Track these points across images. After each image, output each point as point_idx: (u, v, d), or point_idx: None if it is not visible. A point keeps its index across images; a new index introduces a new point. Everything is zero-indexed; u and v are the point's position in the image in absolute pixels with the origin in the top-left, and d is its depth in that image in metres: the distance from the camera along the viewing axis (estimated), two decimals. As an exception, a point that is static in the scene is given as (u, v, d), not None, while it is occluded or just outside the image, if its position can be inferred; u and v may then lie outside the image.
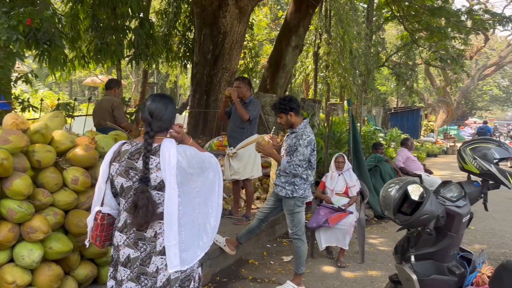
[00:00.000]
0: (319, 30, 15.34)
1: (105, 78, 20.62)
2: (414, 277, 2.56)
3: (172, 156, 2.13)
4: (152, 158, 2.16)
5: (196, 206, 2.25)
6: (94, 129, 5.28)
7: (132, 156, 2.21)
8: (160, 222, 2.18)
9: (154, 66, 10.08)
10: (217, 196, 2.36)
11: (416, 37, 16.02)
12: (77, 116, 7.83)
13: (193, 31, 10.37)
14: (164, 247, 2.16)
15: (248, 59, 13.53)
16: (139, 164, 2.18)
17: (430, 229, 2.47)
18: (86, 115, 6.40)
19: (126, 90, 24.31)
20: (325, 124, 9.30)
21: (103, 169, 2.30)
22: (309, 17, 11.54)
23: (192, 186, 2.23)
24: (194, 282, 2.30)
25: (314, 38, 15.98)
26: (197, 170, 2.24)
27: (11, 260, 2.76)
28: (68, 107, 6.48)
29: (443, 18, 14.20)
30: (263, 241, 5.59)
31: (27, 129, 2.99)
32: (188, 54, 10.52)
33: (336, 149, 8.00)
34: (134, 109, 8.30)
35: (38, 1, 5.99)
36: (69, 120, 7.05)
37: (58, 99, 7.04)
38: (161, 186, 2.16)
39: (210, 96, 9.25)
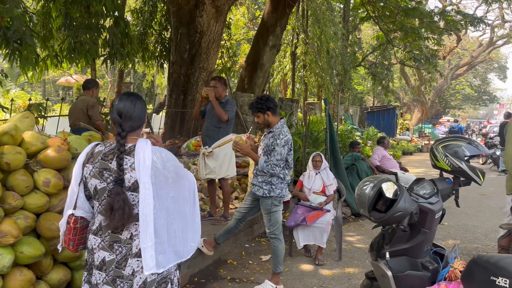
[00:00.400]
0: (296, 30, 15.43)
1: (79, 78, 20.23)
2: (389, 273, 2.60)
3: (147, 157, 2.11)
4: (126, 158, 2.13)
5: (171, 212, 2.22)
6: (69, 129, 5.16)
7: (106, 157, 2.17)
8: (136, 224, 2.15)
9: (130, 65, 9.92)
10: (193, 210, 2.35)
11: (391, 37, 16.31)
12: (50, 116, 7.64)
13: (170, 30, 10.27)
14: (140, 249, 2.13)
15: (226, 58, 13.49)
16: (113, 165, 2.14)
17: (404, 226, 2.51)
18: (60, 115, 6.24)
19: (102, 90, 23.84)
20: (303, 123, 9.36)
21: (76, 171, 2.25)
22: (286, 17, 11.59)
23: (167, 190, 2.20)
24: (171, 284, 2.28)
25: (291, 37, 16.07)
26: (172, 175, 2.22)
27: (-21, 266, 2.66)
28: (41, 107, 6.31)
29: (417, 19, 14.50)
30: (242, 241, 5.58)
31: (-5, 130, 2.89)
32: (164, 53, 10.41)
33: (313, 148, 8.06)
34: (109, 109, 8.13)
35: (8, -1, 5.81)
36: (41, 121, 6.88)
37: (30, 99, 6.83)
38: (135, 187, 2.13)
39: (187, 96, 9.18)
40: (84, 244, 2.31)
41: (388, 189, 2.51)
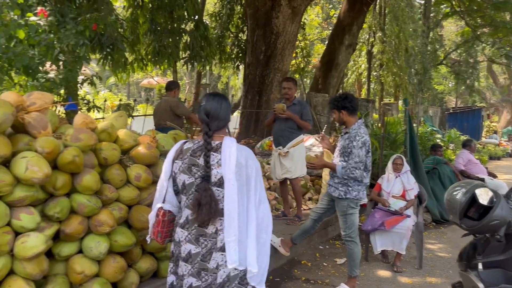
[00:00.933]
0: (373, 28, 14.97)
1: (160, 80, 21.38)
2: (481, 285, 2.43)
3: (232, 154, 2.20)
4: (213, 155, 2.23)
5: (250, 208, 2.27)
6: (153, 128, 5.49)
7: (194, 154, 2.28)
8: (220, 219, 2.23)
9: (207, 67, 10.31)
10: (268, 208, 2.35)
11: (479, 33, 15.16)
12: (136, 116, 8.18)
13: (246, 32, 10.49)
14: (224, 244, 2.20)
15: (300, 59, 13.47)
16: (201, 161, 2.25)
17: (500, 236, 2.33)
18: (145, 115, 6.67)
19: (180, 91, 24.98)
20: (379, 124, 9.05)
21: (166, 166, 2.38)
22: (363, 15, 11.29)
23: (249, 188, 2.26)
24: (247, 280, 2.29)
25: (367, 36, 15.61)
26: (254, 174, 2.28)
27: (80, 251, 2.92)
28: (128, 107, 6.78)
29: (508, 13, 13.32)
30: (316, 242, 5.54)
31: (95, 128, 3.16)
32: (240, 55, 10.67)
33: (391, 150, 7.76)
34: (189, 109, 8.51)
35: (103, 7, 6.33)
36: (128, 120, 7.40)
37: (120, 100, 7.38)
38: (220, 183, 2.22)
39: (262, 97, 9.31)
40: (171, 236, 2.44)
41: (483, 195, 2.34)
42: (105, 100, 6.92)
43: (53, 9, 5.65)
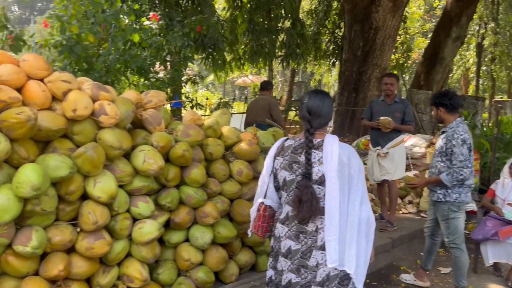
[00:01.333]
0: (485, 19, 13.63)
1: (255, 79, 21.90)
2: None
3: (334, 151, 2.18)
4: (315, 152, 2.23)
5: (351, 213, 2.22)
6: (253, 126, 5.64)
7: (296, 151, 2.29)
8: (321, 217, 2.21)
9: (302, 65, 10.30)
10: (370, 210, 2.28)
11: None
12: (234, 114, 8.49)
13: (343, 28, 10.25)
14: (324, 242, 2.18)
15: (399, 54, 12.80)
16: (302, 158, 2.25)
17: None
18: (243, 112, 6.88)
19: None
20: (490, 124, 8.22)
21: (268, 163, 2.43)
22: (474, 5, 10.34)
23: (350, 187, 2.22)
24: (352, 281, 2.25)
25: (477, 28, 14.26)
26: (357, 173, 2.23)
27: (186, 240, 3.12)
28: (227, 105, 7.06)
29: None
30: (416, 248, 5.22)
31: (201, 124, 3.34)
32: (336, 51, 10.47)
33: (505, 153, 7.01)
34: (283, 108, 8.60)
35: (206, 10, 6.67)
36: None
37: (221, 99, 7.73)
38: (322, 180, 2.20)
39: (359, 94, 9.04)
40: (271, 231, 2.49)
41: None
42: (207, 98, 7.27)
43: (162, 14, 6.09)
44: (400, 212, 5.94)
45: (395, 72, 13.32)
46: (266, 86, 6.32)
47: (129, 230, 2.71)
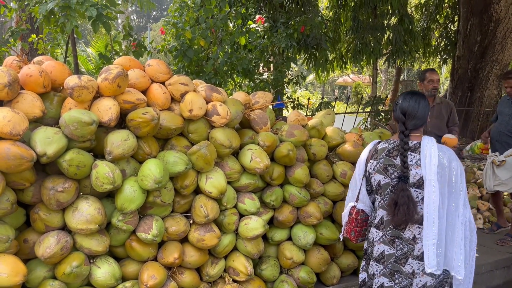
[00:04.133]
0: None
1: (356, 78, 21.32)
2: None
3: (433, 154, 2.10)
4: (412, 155, 2.16)
5: (450, 217, 2.14)
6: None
7: (390, 154, 2.23)
8: (419, 227, 2.15)
9: (409, 63, 9.75)
10: (471, 215, 2.20)
11: None
12: (337, 114, 8.37)
13: (456, 22, 9.47)
14: (422, 253, 2.13)
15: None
16: (398, 161, 2.19)
17: None
18: (345, 113, 6.75)
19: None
20: None
21: (360, 166, 2.40)
22: None
23: (450, 191, 2.13)
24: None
25: None
26: (459, 177, 2.13)
27: (289, 239, 3.16)
28: (329, 105, 6.98)
29: None
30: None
31: (305, 125, 3.35)
32: (449, 47, 9.70)
33: None
34: (390, 108, 8.23)
35: (309, 9, 6.67)
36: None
37: (322, 98, 7.68)
38: (420, 184, 2.13)
39: (474, 93, 8.27)
40: (364, 236, 2.45)
41: None
42: (309, 99, 7.28)
43: (267, 16, 6.25)
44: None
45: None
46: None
47: (236, 225, 2.84)
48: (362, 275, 2.45)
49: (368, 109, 7.95)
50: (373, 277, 2.31)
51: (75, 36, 4.37)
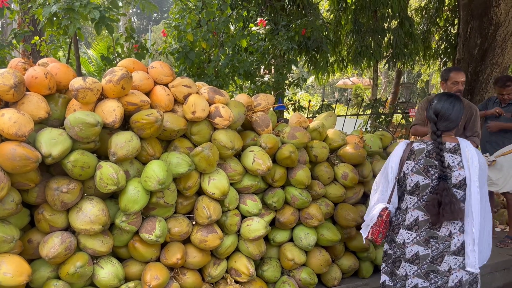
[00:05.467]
0: None
1: (356, 80, 21.34)
2: None
3: (474, 156, 2.20)
4: (453, 156, 2.23)
5: (483, 212, 2.22)
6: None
7: (430, 155, 2.27)
8: (454, 222, 2.21)
9: (409, 65, 9.78)
10: (489, 224, 2.31)
11: None
12: (338, 116, 8.39)
13: (457, 25, 9.50)
14: (458, 248, 2.20)
15: (524, 51, 11.41)
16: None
17: None
18: (345, 115, 6.78)
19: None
20: None
21: (393, 166, 2.38)
22: None
23: (483, 191, 2.22)
24: (478, 284, 2.30)
25: None
26: (485, 178, 2.25)
27: (290, 240, 3.17)
28: (330, 107, 7.00)
29: None
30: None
31: (307, 127, 3.38)
32: (449, 50, 9.72)
33: None
34: (390, 110, 8.25)
35: (310, 12, 6.70)
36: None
37: (323, 101, 7.71)
38: (461, 184, 2.20)
39: (474, 96, 8.27)
40: (385, 237, 2.45)
41: None
42: (309, 101, 7.30)
43: (268, 19, 6.28)
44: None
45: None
46: None
47: (238, 226, 2.86)
48: (383, 277, 2.48)
49: (368, 112, 7.98)
50: (405, 279, 2.34)
51: (77, 38, 4.39)
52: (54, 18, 4.02)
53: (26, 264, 2.16)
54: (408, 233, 2.31)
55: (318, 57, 7.20)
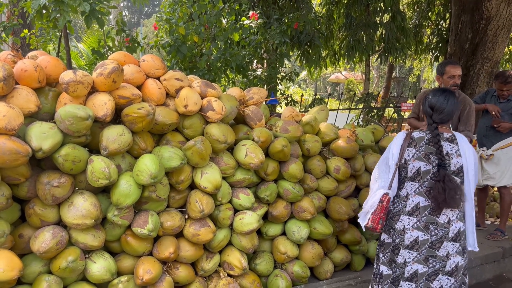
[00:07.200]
0: None
1: (348, 75, 21.39)
2: None
3: (469, 147, 2.37)
4: (450, 145, 2.35)
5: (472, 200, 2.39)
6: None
7: (430, 143, 2.38)
8: (452, 210, 2.32)
9: (400, 60, 9.82)
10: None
11: None
12: (330, 110, 8.41)
13: (448, 20, 9.55)
14: (455, 234, 2.32)
15: (514, 46, 11.52)
16: (440, 149, 2.37)
17: None
18: (338, 109, 6.79)
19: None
20: None
21: (394, 153, 2.44)
22: None
23: (473, 178, 2.40)
24: (466, 271, 2.42)
25: None
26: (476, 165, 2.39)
27: (283, 234, 3.18)
28: (322, 102, 7.01)
29: None
30: (531, 260, 4.70)
31: (300, 121, 3.38)
32: (440, 45, 9.78)
33: None
34: (382, 104, 8.28)
35: (303, 6, 6.68)
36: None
37: (315, 95, 7.72)
38: (458, 171, 2.33)
39: (466, 90, 8.33)
40: (384, 225, 2.49)
41: None
42: (302, 95, 7.31)
43: (261, 12, 6.25)
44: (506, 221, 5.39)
45: (507, 66, 12.04)
46: None
47: (231, 220, 2.86)
48: (381, 268, 2.50)
49: (360, 106, 8.01)
50: (403, 266, 2.38)
51: (67, 31, 4.33)
52: (44, 11, 3.96)
53: (17, 259, 2.15)
54: (409, 218, 2.40)
55: (310, 51, 7.20)
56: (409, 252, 2.37)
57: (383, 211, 2.39)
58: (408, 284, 2.37)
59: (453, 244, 2.33)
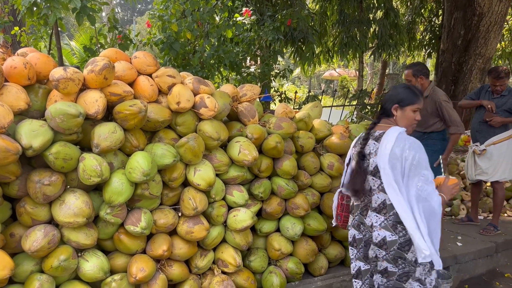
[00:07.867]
0: None
1: (342, 72, 21.41)
2: None
3: (388, 143, 2.18)
4: (375, 144, 2.27)
5: (411, 200, 2.16)
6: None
7: (360, 142, 2.41)
8: (376, 215, 2.25)
9: (394, 56, 9.84)
10: (430, 209, 2.17)
11: None
12: (324, 107, 8.42)
13: (441, 16, 9.58)
14: (379, 241, 2.22)
15: (506, 42, 11.60)
16: (366, 149, 2.36)
17: None
18: (332, 106, 6.79)
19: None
20: None
21: (348, 153, 2.57)
22: None
23: (406, 182, 2.16)
24: (417, 282, 2.22)
25: None
26: (408, 168, 2.14)
27: (277, 230, 3.18)
28: (316, 98, 7.01)
29: None
30: (523, 254, 4.75)
31: (293, 117, 3.37)
32: (433, 41, 9.81)
33: None
34: (375, 101, 8.30)
35: (296, 2, 6.67)
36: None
37: (309, 92, 7.72)
38: (375, 171, 2.25)
39: (458, 86, 8.39)
40: (346, 220, 2.60)
41: None
42: (296, 92, 7.31)
43: (254, 9, 6.23)
44: (505, 214, 5.44)
45: (499, 62, 12.12)
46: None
47: (225, 217, 2.85)
48: (358, 264, 2.43)
49: (354, 102, 8.02)
50: (351, 262, 2.47)
51: (59, 28, 4.29)
52: (34, 8, 3.92)
53: (8, 258, 2.12)
54: (351, 216, 2.46)
55: (304, 48, 7.19)
56: (352, 249, 2.46)
57: (339, 207, 2.58)
58: (355, 282, 2.45)
59: (379, 250, 2.24)
